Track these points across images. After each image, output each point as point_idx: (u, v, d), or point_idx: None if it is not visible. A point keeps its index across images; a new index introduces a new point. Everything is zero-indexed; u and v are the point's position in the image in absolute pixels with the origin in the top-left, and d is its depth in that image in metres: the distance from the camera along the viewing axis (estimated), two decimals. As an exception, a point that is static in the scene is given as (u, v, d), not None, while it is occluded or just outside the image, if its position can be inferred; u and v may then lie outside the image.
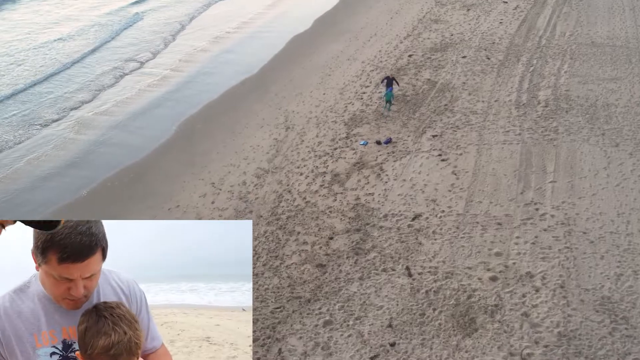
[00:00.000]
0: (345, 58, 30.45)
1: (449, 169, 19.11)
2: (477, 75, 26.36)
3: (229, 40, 35.11)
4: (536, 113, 22.25)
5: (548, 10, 35.19)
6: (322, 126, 23.11)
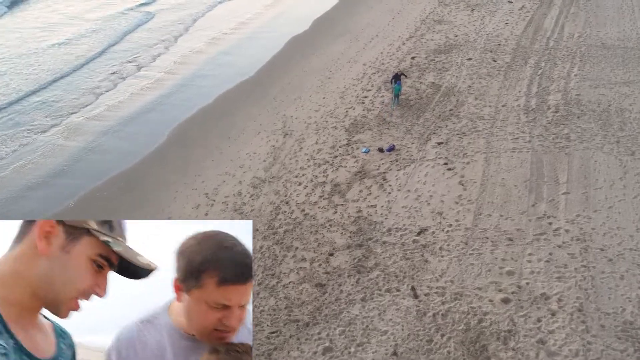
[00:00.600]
0: (345, 60, 29.53)
1: (456, 178, 18.18)
2: (483, 79, 25.43)
3: (226, 42, 34.22)
4: (546, 119, 21.31)
5: (555, 10, 34.26)
6: (322, 132, 22.19)
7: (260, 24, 37.42)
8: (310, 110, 24.22)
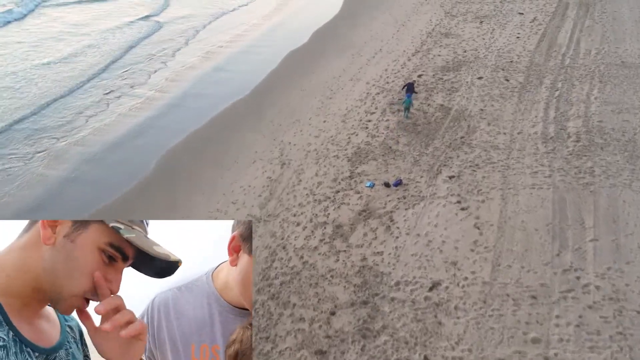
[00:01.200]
0: (347, 78, 28.04)
1: (470, 220, 16.63)
2: (495, 101, 23.91)
3: (221, 56, 32.75)
4: (567, 149, 19.79)
5: (569, 23, 32.77)
6: (323, 162, 20.67)
7: (257, 36, 35.97)
8: (310, 136, 22.70)
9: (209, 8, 41.63)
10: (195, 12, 40.88)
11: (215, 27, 37.88)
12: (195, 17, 39.73)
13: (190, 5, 42.48)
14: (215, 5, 42.18)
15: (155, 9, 41.24)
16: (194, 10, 41.16)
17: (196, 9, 41.52)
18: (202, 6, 42.21)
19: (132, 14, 40.20)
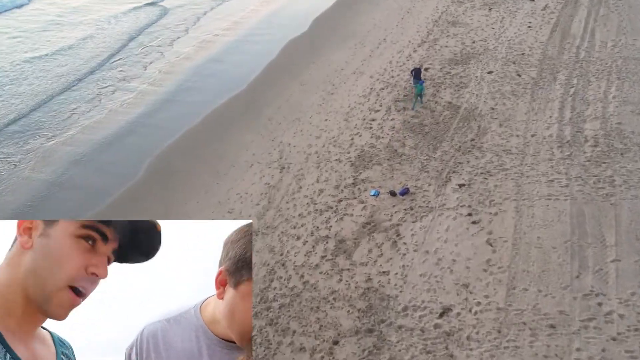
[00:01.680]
0: (350, 71, 26.90)
1: (482, 236, 15.69)
2: (507, 99, 22.82)
3: (217, 46, 31.54)
4: (584, 155, 18.77)
5: (582, 11, 31.48)
6: (324, 167, 19.67)
7: (254, 24, 34.70)
8: (311, 137, 21.67)
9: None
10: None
11: (216, 14, 36.44)
12: (199, 3, 38.27)
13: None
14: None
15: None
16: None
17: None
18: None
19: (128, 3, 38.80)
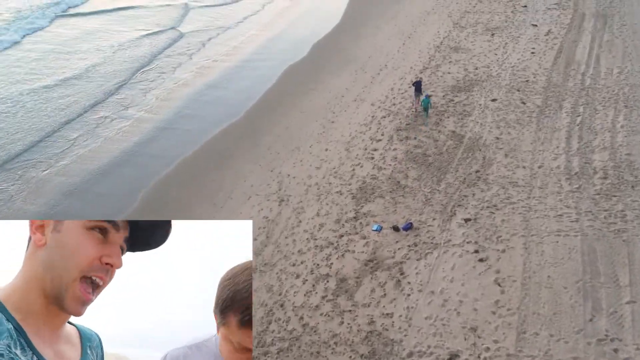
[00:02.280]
0: (351, 98, 26.56)
1: (490, 275, 15.15)
2: (512, 127, 22.42)
3: (215, 71, 31.23)
4: (594, 188, 18.29)
5: (586, 37, 31.28)
6: (325, 199, 19.19)
7: (254, 49, 34.47)
8: (311, 167, 21.23)
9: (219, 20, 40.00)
10: (209, 24, 39.24)
11: (221, 40, 36.20)
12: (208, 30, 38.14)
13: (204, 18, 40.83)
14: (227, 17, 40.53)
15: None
16: (209, 23, 39.53)
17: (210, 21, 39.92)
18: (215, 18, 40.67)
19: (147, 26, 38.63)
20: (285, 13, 41.24)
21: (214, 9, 42.39)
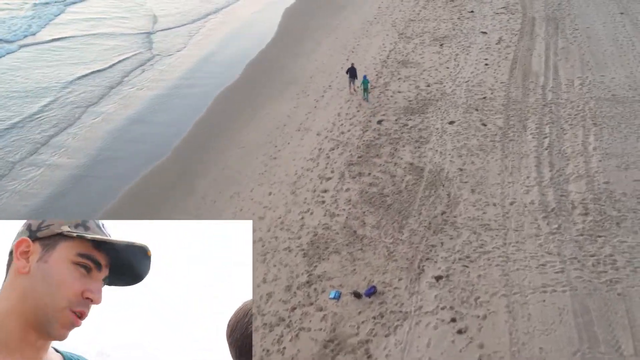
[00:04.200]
0: (294, 127, 24.14)
1: (473, 351, 13.03)
2: (475, 155, 20.52)
3: (140, 102, 28.10)
4: (575, 227, 16.52)
5: (540, 44, 29.96)
6: (271, 259, 16.69)
7: (182, 72, 31.47)
8: (254, 217, 18.75)
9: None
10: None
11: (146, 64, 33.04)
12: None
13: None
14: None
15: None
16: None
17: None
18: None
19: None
20: (215, 29, 38.36)
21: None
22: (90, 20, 40.48)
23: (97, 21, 40.09)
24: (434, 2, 39.18)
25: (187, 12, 41.83)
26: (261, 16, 40.45)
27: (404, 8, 38.52)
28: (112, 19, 40.83)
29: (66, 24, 39.79)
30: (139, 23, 39.80)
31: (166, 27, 38.68)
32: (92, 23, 39.82)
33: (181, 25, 38.99)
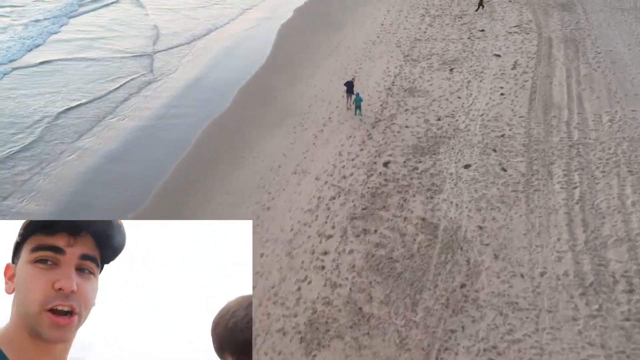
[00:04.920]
0: (290, 169, 21.92)
1: None
2: (496, 209, 18.28)
3: (120, 135, 25.75)
4: (619, 309, 14.31)
5: (560, 70, 27.78)
6: (262, 346, 14.55)
7: (168, 100, 29.17)
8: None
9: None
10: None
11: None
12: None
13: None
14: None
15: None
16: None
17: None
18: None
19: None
20: (206, 48, 36.11)
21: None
22: (80, 40, 38.13)
23: (90, 41, 37.68)
24: (441, 19, 37.03)
25: (185, 30, 39.47)
26: (255, 33, 38.31)
27: (409, 25, 36.34)
28: (106, 39, 38.48)
29: (56, 44, 37.41)
30: (137, 43, 37.44)
31: (166, 47, 36.25)
32: (80, 44, 37.44)
33: (178, 45, 36.57)
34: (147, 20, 41.96)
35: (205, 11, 43.75)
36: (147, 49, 35.83)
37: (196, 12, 43.60)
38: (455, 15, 37.82)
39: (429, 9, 39.88)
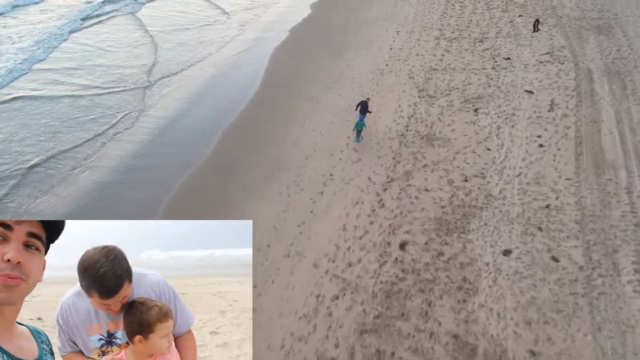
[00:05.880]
0: (282, 250, 17.89)
1: None
2: (552, 324, 14.15)
3: (75, 194, 21.55)
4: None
5: (607, 113, 23.69)
6: None
7: (136, 145, 24.95)
8: None
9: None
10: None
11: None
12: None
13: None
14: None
15: None
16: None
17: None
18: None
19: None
20: (189, 77, 31.94)
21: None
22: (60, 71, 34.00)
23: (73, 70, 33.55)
24: (458, 43, 32.94)
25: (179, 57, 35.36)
26: (245, 58, 34.05)
27: (422, 50, 32.25)
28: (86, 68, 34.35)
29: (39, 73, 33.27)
30: (126, 72, 33.30)
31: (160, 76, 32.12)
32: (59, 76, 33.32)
33: (172, 74, 32.38)
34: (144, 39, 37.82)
35: (208, 30, 39.58)
36: (138, 81, 31.65)
37: (202, 31, 39.40)
38: (474, 39, 33.74)
39: (444, 30, 35.82)
